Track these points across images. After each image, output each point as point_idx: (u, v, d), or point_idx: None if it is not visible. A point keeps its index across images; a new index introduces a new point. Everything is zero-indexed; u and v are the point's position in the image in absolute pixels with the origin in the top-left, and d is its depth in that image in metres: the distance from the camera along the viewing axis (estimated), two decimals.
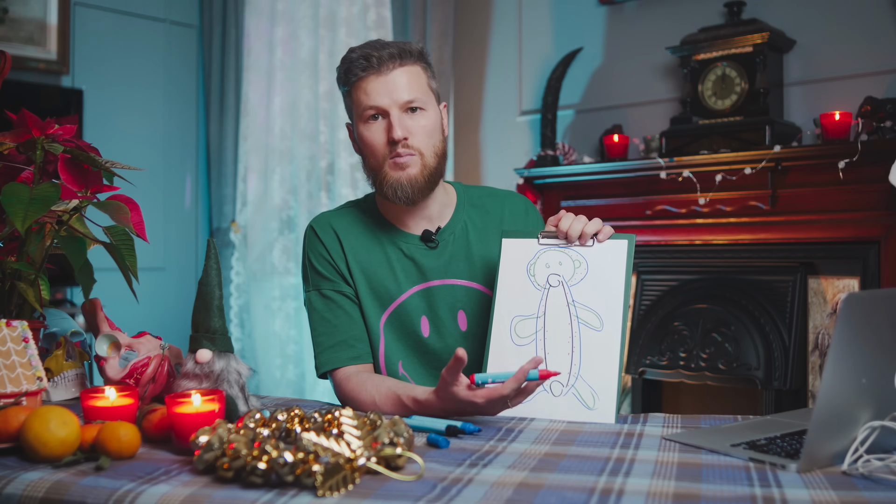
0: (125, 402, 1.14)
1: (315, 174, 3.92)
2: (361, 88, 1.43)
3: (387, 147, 1.43)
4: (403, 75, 1.43)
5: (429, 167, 1.45)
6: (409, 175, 1.44)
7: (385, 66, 1.42)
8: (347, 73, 1.45)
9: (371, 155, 1.46)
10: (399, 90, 1.42)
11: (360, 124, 1.46)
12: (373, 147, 1.45)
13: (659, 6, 3.15)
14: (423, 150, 1.44)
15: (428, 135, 1.45)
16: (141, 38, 4.02)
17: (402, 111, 1.43)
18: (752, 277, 2.73)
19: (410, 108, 1.43)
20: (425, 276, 1.51)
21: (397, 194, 1.45)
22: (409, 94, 1.43)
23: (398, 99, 1.42)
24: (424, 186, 1.46)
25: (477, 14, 3.64)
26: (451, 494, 0.87)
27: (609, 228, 1.35)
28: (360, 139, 1.47)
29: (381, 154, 1.44)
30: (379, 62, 1.41)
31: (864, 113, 2.48)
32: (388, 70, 1.42)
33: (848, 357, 0.93)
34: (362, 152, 1.50)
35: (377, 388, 1.37)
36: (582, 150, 3.29)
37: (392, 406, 1.33)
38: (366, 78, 1.42)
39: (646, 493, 0.87)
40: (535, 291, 1.36)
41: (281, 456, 0.89)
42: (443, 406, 1.24)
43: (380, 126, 1.44)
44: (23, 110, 1.28)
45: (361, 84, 1.43)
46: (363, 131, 1.45)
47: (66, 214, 1.31)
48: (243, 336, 4.15)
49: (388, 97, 1.42)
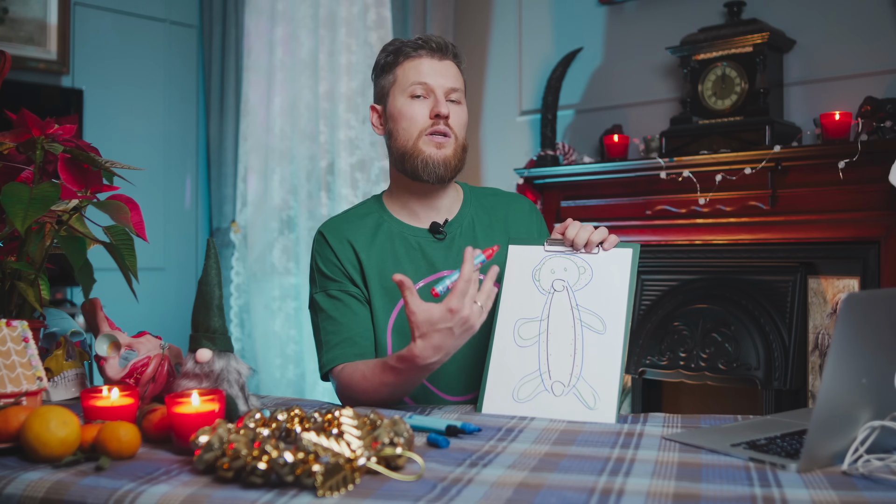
0: (125, 402, 1.14)
1: (315, 174, 3.92)
2: (413, 66, 1.50)
3: (427, 121, 1.49)
4: (452, 67, 1.53)
5: (458, 154, 1.52)
6: (444, 155, 1.50)
7: (440, 53, 1.51)
8: (398, 51, 1.52)
9: (407, 128, 1.50)
10: (448, 76, 1.51)
11: (401, 98, 1.51)
12: (412, 119, 1.50)
13: (659, 6, 3.15)
14: (458, 136, 1.52)
15: (461, 125, 1.53)
16: (141, 38, 4.02)
17: (445, 97, 1.50)
18: (752, 277, 2.73)
19: (452, 98, 1.51)
20: (434, 267, 1.52)
21: (428, 169, 1.49)
22: (455, 82, 1.52)
23: (445, 84, 1.50)
24: (453, 170, 1.52)
25: (477, 14, 3.64)
26: (451, 494, 0.87)
27: (615, 237, 1.37)
28: (397, 113, 1.52)
29: (420, 127, 1.50)
30: (437, 47, 1.51)
31: (864, 113, 2.48)
32: (443, 57, 1.52)
33: (848, 357, 0.93)
34: (394, 126, 1.53)
35: (366, 365, 1.39)
36: (582, 150, 3.29)
37: (381, 373, 1.34)
38: (419, 57, 1.50)
39: (646, 493, 0.87)
40: (539, 295, 1.36)
41: (281, 456, 0.89)
42: (427, 343, 1.25)
43: (424, 103, 1.50)
44: (23, 110, 1.28)
45: (414, 62, 1.51)
46: (403, 105, 1.51)
47: (66, 214, 1.31)
48: (243, 336, 4.15)
49: (439, 78, 1.50)
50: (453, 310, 1.23)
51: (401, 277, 1.25)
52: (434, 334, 1.24)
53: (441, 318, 1.23)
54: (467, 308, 1.23)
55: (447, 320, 1.23)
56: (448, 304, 1.23)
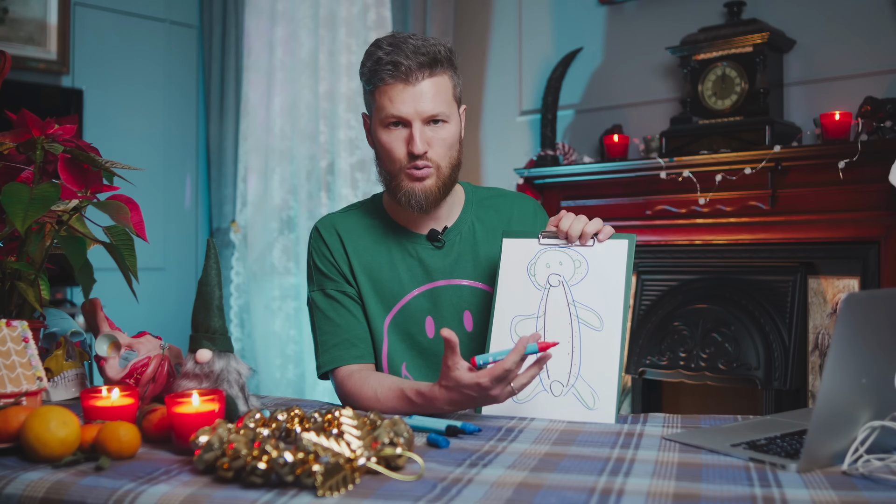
0: (125, 402, 1.14)
1: (315, 174, 3.92)
2: (386, 94, 1.40)
3: (405, 157, 1.42)
4: (431, 87, 1.40)
5: (444, 178, 1.45)
6: (425, 186, 1.43)
7: (413, 77, 1.38)
8: (373, 73, 1.41)
9: (387, 160, 1.45)
10: (424, 102, 1.39)
11: (380, 128, 1.43)
12: (390, 153, 1.43)
13: (659, 6, 3.15)
14: (440, 162, 1.43)
15: (447, 147, 1.44)
16: (141, 38, 4.02)
17: (424, 123, 1.41)
18: (752, 277, 2.73)
19: (433, 120, 1.41)
20: (431, 276, 1.51)
21: (410, 203, 1.44)
22: (434, 107, 1.40)
23: (422, 111, 1.39)
24: (438, 197, 1.46)
25: (477, 14, 3.64)
26: (451, 494, 0.87)
27: (609, 228, 1.35)
28: (377, 141, 1.45)
29: (399, 163, 1.43)
30: (407, 72, 1.37)
31: (864, 113, 2.48)
32: (417, 81, 1.38)
33: (848, 357, 0.93)
34: (377, 152, 1.48)
35: (380, 384, 1.36)
36: (582, 150, 3.29)
37: (395, 401, 1.32)
38: (393, 85, 1.39)
39: (646, 493, 0.87)
40: (535, 291, 1.36)
41: (281, 456, 0.89)
42: (449, 396, 1.23)
43: (400, 135, 1.41)
44: (23, 110, 1.28)
45: (387, 90, 1.40)
46: (382, 135, 1.43)
47: (66, 214, 1.31)
48: (243, 336, 4.15)
49: (412, 108, 1.39)
50: (482, 386, 1.20)
51: (449, 334, 1.19)
52: (456, 393, 1.23)
53: (469, 386, 1.21)
54: (496, 390, 1.21)
55: (472, 390, 1.21)
56: (479, 378, 1.19)
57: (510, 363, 1.18)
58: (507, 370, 1.18)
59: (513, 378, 1.21)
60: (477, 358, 1.22)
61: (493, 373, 1.19)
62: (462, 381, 1.20)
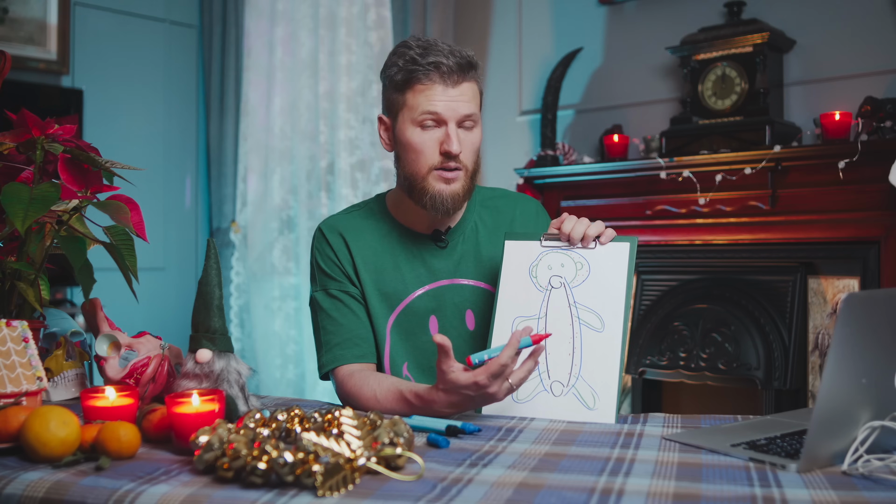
0: (125, 402, 1.14)
1: (315, 174, 3.92)
2: (423, 93, 1.40)
3: (438, 157, 1.42)
4: (468, 90, 1.42)
5: (468, 184, 1.46)
6: (453, 190, 1.43)
7: (453, 78, 1.39)
8: (410, 74, 1.40)
9: (416, 161, 1.43)
10: (461, 104, 1.40)
11: (411, 126, 1.42)
12: (422, 153, 1.42)
13: (659, 6, 3.15)
14: (468, 165, 1.45)
15: (474, 151, 1.45)
16: (141, 38, 4.02)
17: (458, 125, 1.42)
18: (752, 277, 2.73)
19: (465, 125, 1.42)
20: (435, 275, 1.51)
21: (436, 205, 1.44)
22: (468, 108, 1.41)
23: (458, 112, 1.40)
24: (462, 201, 1.46)
25: (477, 14, 3.64)
26: (451, 494, 0.87)
27: (611, 231, 1.36)
28: (405, 141, 1.44)
29: (430, 163, 1.42)
30: (448, 72, 1.39)
31: (864, 113, 2.48)
32: (455, 83, 1.40)
33: (848, 357, 0.93)
34: (402, 153, 1.46)
35: (379, 385, 1.36)
36: (582, 150, 3.29)
37: (394, 402, 1.33)
38: (431, 85, 1.39)
39: (646, 493, 0.87)
40: (536, 293, 1.36)
41: (281, 456, 0.89)
42: (448, 399, 1.23)
43: (434, 135, 1.41)
44: (23, 110, 1.28)
45: (426, 90, 1.40)
46: (412, 135, 1.42)
47: (66, 214, 1.31)
48: (243, 336, 4.15)
49: (450, 108, 1.40)
50: (480, 384, 1.20)
51: (441, 340, 1.20)
52: (455, 395, 1.23)
53: (466, 386, 1.21)
54: (494, 387, 1.21)
55: (470, 390, 1.21)
56: (476, 377, 1.20)
57: (506, 358, 1.19)
58: (504, 365, 1.19)
59: (509, 374, 1.21)
60: (472, 357, 1.22)
61: (489, 369, 1.19)
62: (459, 381, 1.21)
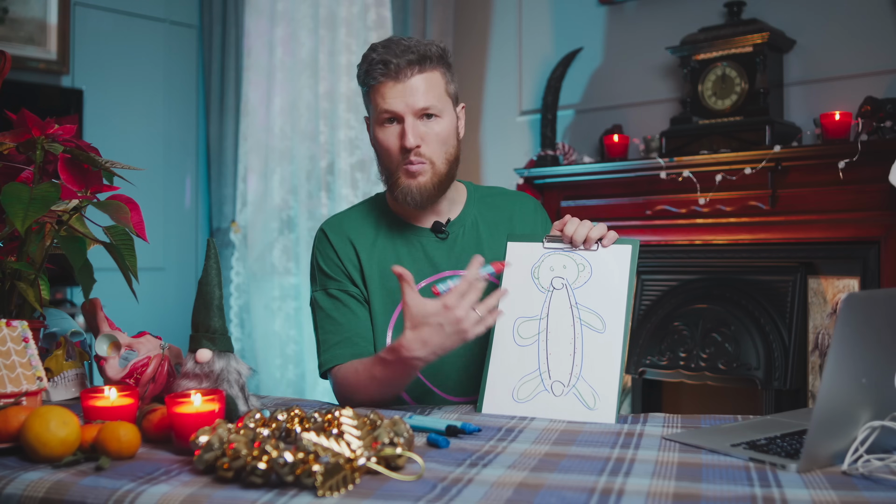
0: (125, 402, 1.14)
1: (315, 174, 3.92)
2: (378, 92, 1.45)
3: (399, 153, 1.46)
4: (421, 82, 1.44)
5: (439, 174, 1.48)
6: (419, 183, 1.46)
7: (402, 74, 1.43)
8: (367, 75, 1.47)
9: (385, 157, 1.49)
10: (415, 97, 1.43)
11: (377, 126, 1.48)
12: (387, 150, 1.48)
13: (659, 6, 3.15)
14: (434, 158, 1.46)
15: (441, 142, 1.47)
16: (141, 38, 4.02)
17: (416, 118, 1.44)
18: (752, 277, 2.73)
19: (425, 114, 1.45)
20: (436, 267, 1.52)
21: (407, 200, 1.48)
22: (424, 101, 1.44)
23: (413, 105, 1.43)
24: (434, 193, 1.49)
25: (477, 14, 3.64)
26: (451, 494, 0.87)
27: (614, 234, 1.36)
28: (375, 140, 1.50)
29: (395, 159, 1.47)
30: (397, 69, 1.42)
31: (864, 113, 2.48)
32: (406, 77, 1.43)
33: (848, 357, 0.93)
34: (376, 152, 1.53)
35: (361, 361, 1.41)
36: (582, 150, 3.29)
37: (371, 366, 1.36)
38: (384, 83, 1.44)
39: (646, 493, 0.87)
40: (538, 294, 1.36)
41: (281, 456, 0.89)
42: (416, 335, 1.26)
43: (394, 131, 1.46)
44: (23, 110, 1.28)
45: (379, 88, 1.45)
46: (378, 133, 1.48)
47: (66, 214, 1.31)
48: (243, 336, 4.15)
49: (402, 103, 1.43)
50: (447, 306, 1.24)
51: (401, 270, 1.26)
52: (424, 328, 1.25)
53: (434, 312, 1.24)
54: (462, 309, 1.24)
55: (439, 315, 1.24)
56: (445, 299, 1.24)
57: (470, 275, 1.25)
58: (469, 283, 1.24)
59: (475, 300, 1.25)
60: (438, 286, 1.27)
61: (457, 288, 1.24)
62: (427, 308, 1.24)
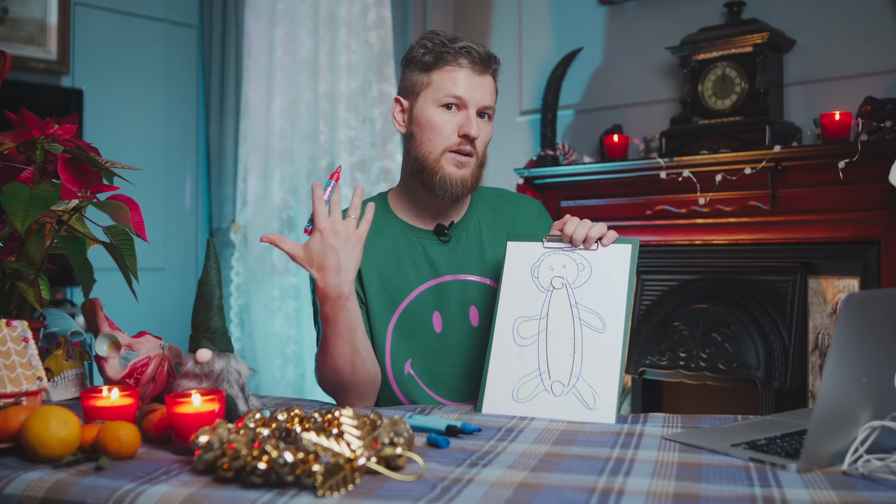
0: (125, 402, 1.14)
1: (315, 174, 3.92)
2: (451, 75, 1.45)
3: (455, 138, 1.46)
4: (490, 82, 1.48)
5: (476, 173, 1.50)
6: (464, 175, 1.48)
7: (483, 66, 1.46)
8: (440, 54, 1.45)
9: (431, 140, 1.47)
10: (484, 93, 1.46)
11: (432, 106, 1.46)
12: (440, 133, 1.46)
13: (659, 6, 3.15)
14: (480, 154, 1.50)
15: (486, 143, 1.52)
16: (141, 38, 4.02)
17: (477, 114, 1.47)
18: (752, 277, 2.73)
19: (485, 112, 1.48)
20: (437, 271, 1.52)
21: (445, 187, 1.47)
22: (489, 100, 1.47)
23: (481, 100, 1.46)
24: (470, 188, 1.50)
25: (477, 14, 3.64)
26: (451, 494, 0.87)
27: (613, 233, 1.36)
28: (425, 120, 1.47)
29: (446, 143, 1.46)
30: (480, 60, 1.45)
31: (864, 113, 2.48)
32: (483, 71, 1.46)
33: (848, 357, 0.93)
34: (419, 132, 1.49)
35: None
36: (582, 150, 3.29)
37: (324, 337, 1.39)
38: (460, 68, 1.45)
39: (646, 493, 0.87)
40: (538, 293, 1.36)
41: (281, 456, 0.89)
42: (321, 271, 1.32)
43: (453, 118, 1.46)
44: (23, 110, 1.28)
45: (453, 71, 1.45)
46: (433, 114, 1.46)
47: (66, 214, 1.31)
48: (243, 336, 4.15)
49: (475, 95, 1.45)
50: (321, 229, 1.32)
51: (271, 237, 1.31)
52: (320, 260, 1.32)
53: (315, 243, 1.32)
54: (330, 223, 1.32)
55: (320, 241, 1.32)
56: (315, 227, 1.32)
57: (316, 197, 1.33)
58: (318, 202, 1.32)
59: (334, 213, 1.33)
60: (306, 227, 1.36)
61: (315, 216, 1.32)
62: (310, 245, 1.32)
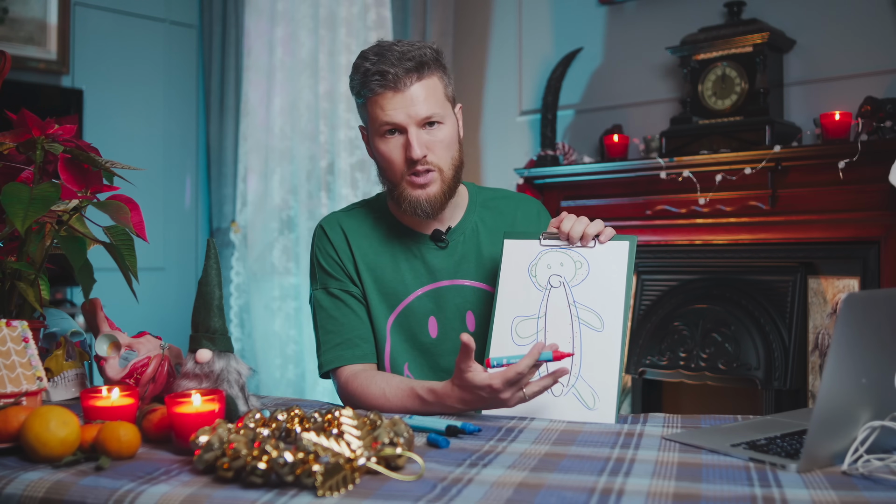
0: (125, 402, 1.14)
1: (315, 174, 3.92)
2: (377, 104, 1.40)
3: (404, 164, 1.41)
4: (421, 90, 1.39)
5: (447, 181, 1.44)
6: (429, 194, 1.43)
7: (402, 83, 1.38)
8: (362, 86, 1.41)
9: (388, 170, 1.44)
10: (417, 106, 1.39)
11: (377, 138, 1.43)
12: (390, 162, 1.43)
13: (659, 6, 3.15)
14: (442, 165, 1.43)
15: (446, 148, 1.43)
16: (141, 38, 4.02)
17: (419, 127, 1.40)
18: (752, 277, 2.73)
19: (428, 122, 1.40)
20: (434, 276, 1.51)
21: (416, 212, 1.44)
22: (426, 109, 1.39)
23: (416, 115, 1.39)
24: (443, 201, 1.45)
25: (477, 14, 3.64)
26: (451, 494, 0.87)
27: (610, 230, 1.35)
28: (376, 152, 1.45)
29: (399, 171, 1.42)
30: (395, 79, 1.37)
31: (864, 113, 2.48)
32: (405, 87, 1.38)
33: (848, 357, 0.93)
34: (378, 163, 1.47)
35: (388, 383, 1.37)
36: (582, 150, 3.29)
37: (406, 399, 1.33)
38: (382, 94, 1.39)
39: (646, 493, 0.87)
40: (536, 292, 1.36)
41: (281, 456, 0.89)
42: (461, 396, 1.25)
43: (397, 142, 1.41)
44: (23, 110, 1.28)
45: (377, 100, 1.40)
46: (380, 145, 1.43)
47: (66, 214, 1.31)
48: (243, 336, 4.15)
49: (405, 114, 1.38)
50: (494, 388, 1.22)
51: (467, 339, 1.21)
52: (468, 393, 1.25)
53: (480, 387, 1.23)
54: (507, 393, 1.23)
55: (484, 391, 1.23)
56: (491, 380, 1.22)
57: (523, 367, 1.20)
58: (520, 374, 1.20)
59: (525, 384, 1.22)
60: (491, 359, 1.24)
61: (505, 375, 1.21)
62: (475, 381, 1.22)
